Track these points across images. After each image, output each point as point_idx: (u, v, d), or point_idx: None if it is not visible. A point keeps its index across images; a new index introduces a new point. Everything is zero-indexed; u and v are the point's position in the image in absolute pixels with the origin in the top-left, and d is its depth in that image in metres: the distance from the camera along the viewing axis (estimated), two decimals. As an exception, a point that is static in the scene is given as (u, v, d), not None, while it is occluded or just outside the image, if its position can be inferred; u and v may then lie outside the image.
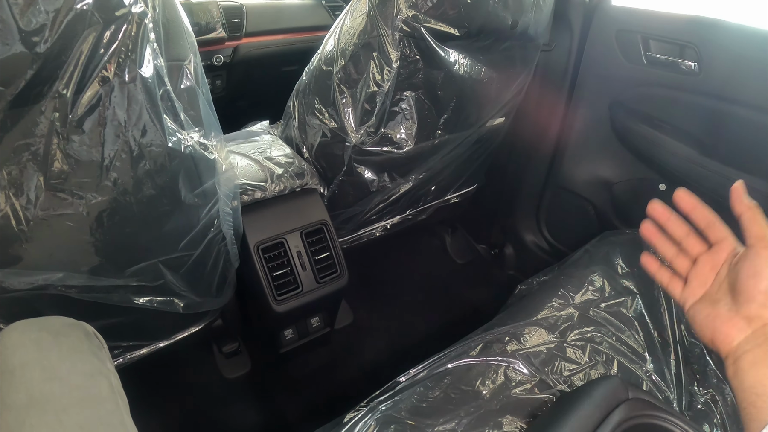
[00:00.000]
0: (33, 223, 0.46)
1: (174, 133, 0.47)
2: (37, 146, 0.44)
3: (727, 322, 0.36)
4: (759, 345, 0.34)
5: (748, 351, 0.34)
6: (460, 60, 0.76)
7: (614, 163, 1.07)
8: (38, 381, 0.40)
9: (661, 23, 0.91)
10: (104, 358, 0.47)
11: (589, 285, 0.82)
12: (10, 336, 0.43)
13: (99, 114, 0.43)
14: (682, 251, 0.41)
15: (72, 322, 0.48)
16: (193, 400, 0.98)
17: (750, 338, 0.35)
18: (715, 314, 0.37)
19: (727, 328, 0.36)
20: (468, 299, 1.30)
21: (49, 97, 0.42)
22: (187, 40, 0.51)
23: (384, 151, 0.81)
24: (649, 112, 0.97)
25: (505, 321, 0.76)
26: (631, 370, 0.71)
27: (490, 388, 0.65)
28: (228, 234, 0.67)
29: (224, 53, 1.22)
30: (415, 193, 0.98)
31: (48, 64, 0.40)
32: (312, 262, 0.81)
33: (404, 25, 0.67)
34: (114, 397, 0.44)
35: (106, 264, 0.54)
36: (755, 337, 0.34)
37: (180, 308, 0.68)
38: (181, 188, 0.52)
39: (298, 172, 0.83)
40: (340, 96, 0.75)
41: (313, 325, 0.95)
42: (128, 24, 0.42)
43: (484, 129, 0.95)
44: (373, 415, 0.61)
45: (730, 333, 0.35)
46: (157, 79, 0.45)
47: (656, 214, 0.42)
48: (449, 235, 1.44)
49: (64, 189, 0.46)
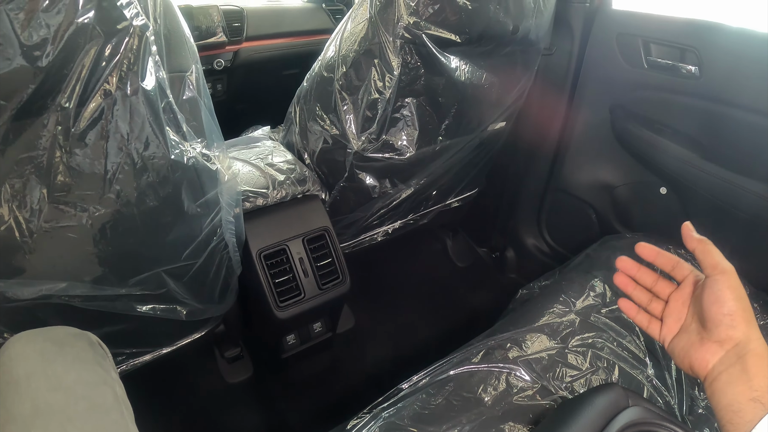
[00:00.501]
0: (36, 234, 0.47)
1: (177, 145, 0.48)
2: (40, 159, 0.44)
3: (700, 348, 0.38)
4: (732, 365, 0.36)
5: (722, 372, 0.36)
6: (461, 66, 0.76)
7: (615, 166, 1.07)
8: (43, 391, 0.41)
9: (662, 27, 0.90)
10: (109, 368, 0.47)
11: (591, 290, 0.82)
12: (15, 346, 0.44)
13: (101, 127, 0.43)
14: (654, 297, 0.45)
15: (76, 332, 0.48)
16: (196, 406, 0.98)
17: (723, 359, 0.37)
18: (689, 343, 0.40)
19: (702, 353, 0.38)
20: (469, 303, 1.30)
21: (52, 110, 0.42)
22: (189, 50, 0.51)
23: (385, 158, 0.81)
24: (650, 116, 0.97)
25: (506, 327, 0.76)
26: (632, 376, 0.71)
27: (492, 395, 0.65)
28: (230, 242, 0.67)
29: (225, 57, 1.22)
30: (417, 198, 0.98)
31: (50, 77, 0.40)
32: (314, 268, 0.81)
33: (405, 31, 0.67)
34: (119, 407, 0.44)
35: (110, 274, 0.54)
36: (728, 358, 0.36)
37: (183, 315, 0.68)
38: (183, 199, 0.53)
39: (299, 179, 0.83)
40: (342, 102, 0.75)
41: (315, 330, 0.95)
42: (130, 37, 0.42)
43: (485, 133, 0.96)
44: (376, 422, 0.61)
45: (704, 357, 0.38)
46: (159, 91, 0.45)
47: (625, 269, 0.46)
48: (450, 239, 1.44)
49: (67, 201, 0.46)
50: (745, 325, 0.36)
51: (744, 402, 0.34)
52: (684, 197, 0.97)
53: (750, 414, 0.33)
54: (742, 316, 0.36)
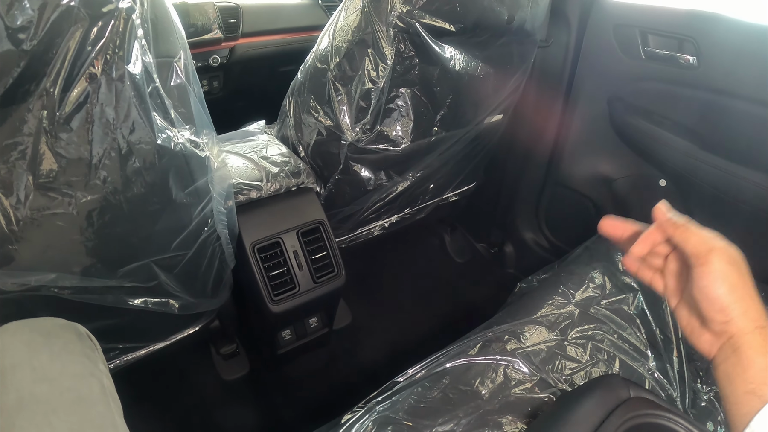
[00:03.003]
0: (23, 223, 0.46)
1: (163, 130, 0.47)
2: (25, 145, 0.43)
3: (701, 337, 0.37)
4: (727, 358, 0.35)
5: (720, 363, 0.35)
6: (456, 56, 0.76)
7: (613, 159, 1.07)
8: (28, 382, 0.40)
9: (659, 17, 0.90)
10: (96, 360, 0.46)
11: (590, 282, 0.81)
12: (1, 337, 0.43)
13: (87, 111, 0.43)
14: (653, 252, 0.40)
15: (64, 323, 0.48)
16: (191, 402, 0.97)
17: (720, 352, 0.35)
18: (692, 325, 0.38)
19: (702, 342, 0.37)
20: (468, 299, 1.29)
21: (37, 95, 0.41)
22: (177, 37, 0.50)
23: (380, 149, 0.80)
24: (648, 107, 0.96)
25: (504, 319, 0.75)
26: (633, 368, 0.70)
27: (489, 388, 0.64)
28: (223, 234, 0.66)
29: (221, 54, 1.22)
30: (413, 191, 0.98)
31: (35, 61, 0.40)
32: (309, 261, 0.80)
33: (398, 20, 0.66)
34: (106, 399, 0.43)
35: (98, 264, 0.53)
36: (724, 350, 0.35)
37: (175, 309, 0.67)
38: (172, 186, 0.52)
39: (293, 171, 0.82)
40: (335, 93, 0.74)
41: (311, 325, 0.94)
42: (115, 20, 0.41)
43: (482, 126, 0.95)
44: (371, 415, 0.60)
45: (704, 347, 0.37)
46: (145, 75, 0.44)
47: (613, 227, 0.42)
48: (448, 234, 1.43)
49: (54, 188, 0.45)
50: (740, 316, 0.34)
51: (740, 394, 0.33)
52: (684, 189, 0.96)
53: (746, 406, 0.32)
54: (737, 308, 0.34)
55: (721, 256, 0.34)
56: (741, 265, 0.35)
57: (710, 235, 0.35)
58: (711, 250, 0.34)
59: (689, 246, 0.35)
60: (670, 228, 0.37)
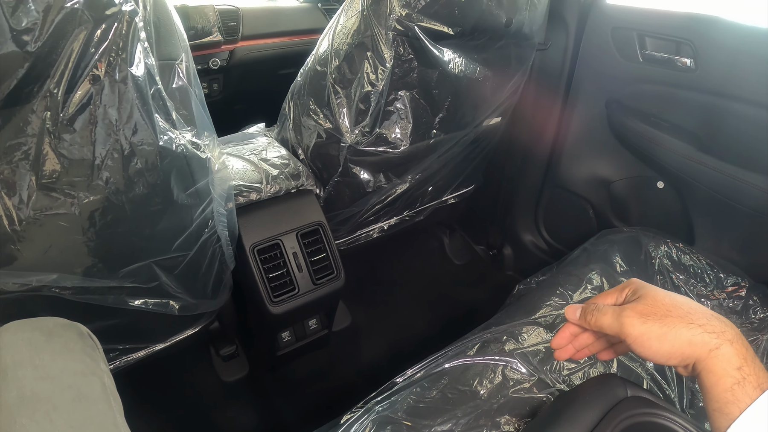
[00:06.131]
0: (26, 223, 0.46)
1: (165, 132, 0.47)
2: (28, 146, 0.44)
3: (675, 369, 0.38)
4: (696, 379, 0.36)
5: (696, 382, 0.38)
6: (454, 59, 0.76)
7: (612, 161, 1.07)
8: (30, 380, 0.40)
9: (657, 20, 0.91)
10: (98, 358, 0.47)
11: (588, 283, 0.81)
12: (3, 336, 0.43)
13: (90, 113, 0.43)
14: None
15: (65, 323, 0.48)
16: (191, 403, 0.97)
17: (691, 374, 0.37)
18: None
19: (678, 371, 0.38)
20: (467, 300, 1.29)
21: (40, 96, 0.42)
22: (179, 40, 0.51)
23: (379, 151, 0.81)
24: (646, 110, 0.97)
25: (502, 320, 0.76)
26: (632, 369, 0.71)
27: (487, 388, 0.64)
28: (223, 235, 0.67)
29: (221, 57, 1.23)
30: (412, 193, 0.98)
31: (39, 63, 0.40)
32: (308, 263, 0.81)
33: (398, 24, 0.67)
34: (106, 397, 0.43)
35: (100, 264, 0.53)
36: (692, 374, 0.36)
37: (175, 310, 0.67)
38: (173, 187, 0.52)
39: (293, 174, 0.83)
40: (335, 96, 0.75)
41: (310, 327, 0.94)
42: (119, 22, 0.42)
43: (481, 129, 0.95)
44: (370, 415, 0.60)
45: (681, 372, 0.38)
46: (148, 77, 0.45)
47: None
48: (447, 236, 1.44)
49: (56, 188, 0.46)
50: (688, 352, 0.35)
51: (711, 411, 0.35)
52: (682, 191, 0.97)
53: (717, 422, 0.34)
54: (679, 348, 0.35)
55: (633, 321, 0.36)
56: (658, 305, 0.36)
57: (618, 309, 0.38)
58: (622, 324, 0.36)
59: (606, 329, 0.38)
60: (584, 324, 0.40)
